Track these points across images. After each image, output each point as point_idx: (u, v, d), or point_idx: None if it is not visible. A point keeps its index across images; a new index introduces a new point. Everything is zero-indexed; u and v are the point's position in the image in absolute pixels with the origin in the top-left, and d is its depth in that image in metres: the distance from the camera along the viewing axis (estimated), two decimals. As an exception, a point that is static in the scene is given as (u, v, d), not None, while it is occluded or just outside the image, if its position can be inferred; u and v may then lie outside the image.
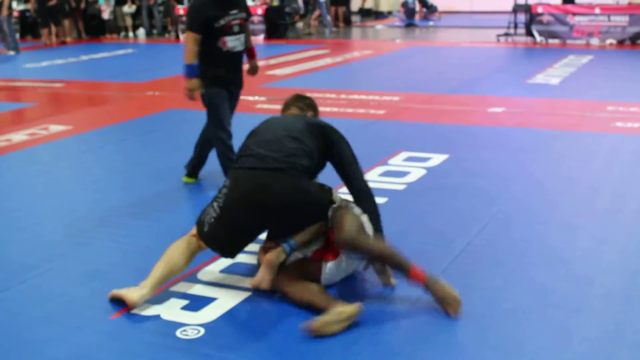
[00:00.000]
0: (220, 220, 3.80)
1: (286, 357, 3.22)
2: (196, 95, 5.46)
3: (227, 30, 5.41)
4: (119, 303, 3.74)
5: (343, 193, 4.18)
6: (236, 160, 3.98)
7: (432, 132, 7.50)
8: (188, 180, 5.96)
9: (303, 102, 4.45)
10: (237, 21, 5.45)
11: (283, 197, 3.76)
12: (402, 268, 3.64)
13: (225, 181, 3.94)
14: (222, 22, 5.36)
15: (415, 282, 3.62)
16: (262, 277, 3.79)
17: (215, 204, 3.85)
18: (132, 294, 3.72)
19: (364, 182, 4.02)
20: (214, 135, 5.53)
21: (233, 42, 5.46)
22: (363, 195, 3.98)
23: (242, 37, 5.54)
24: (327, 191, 3.92)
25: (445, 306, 3.57)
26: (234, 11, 5.43)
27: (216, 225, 3.81)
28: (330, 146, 4.02)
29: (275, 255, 3.79)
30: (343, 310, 3.44)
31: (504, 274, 4.04)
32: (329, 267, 3.87)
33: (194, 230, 3.93)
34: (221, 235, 3.83)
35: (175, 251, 3.85)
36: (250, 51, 5.79)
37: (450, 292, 3.58)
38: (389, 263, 3.71)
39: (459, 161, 6.36)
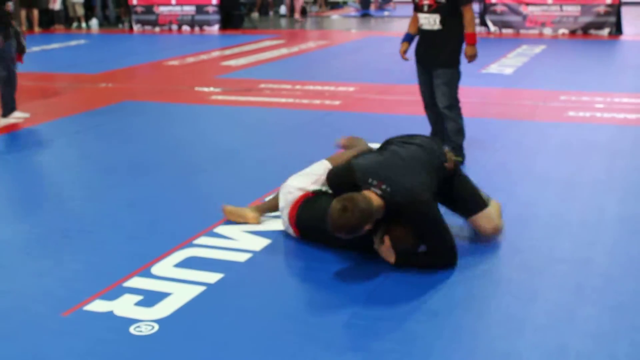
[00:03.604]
0: None
1: (241, 354, 3.20)
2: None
3: (419, 7, 5.87)
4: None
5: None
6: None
7: (387, 123, 7.50)
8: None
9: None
10: (427, 1, 5.77)
11: None
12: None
13: None
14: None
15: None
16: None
17: None
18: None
19: None
20: None
21: (422, 20, 5.87)
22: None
23: (433, 17, 5.77)
24: None
25: None
26: None
27: None
28: None
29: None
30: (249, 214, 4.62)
31: (459, 264, 4.07)
32: None
33: None
34: None
35: None
36: (467, 36, 5.88)
37: None
38: None
39: (414, 152, 6.36)
